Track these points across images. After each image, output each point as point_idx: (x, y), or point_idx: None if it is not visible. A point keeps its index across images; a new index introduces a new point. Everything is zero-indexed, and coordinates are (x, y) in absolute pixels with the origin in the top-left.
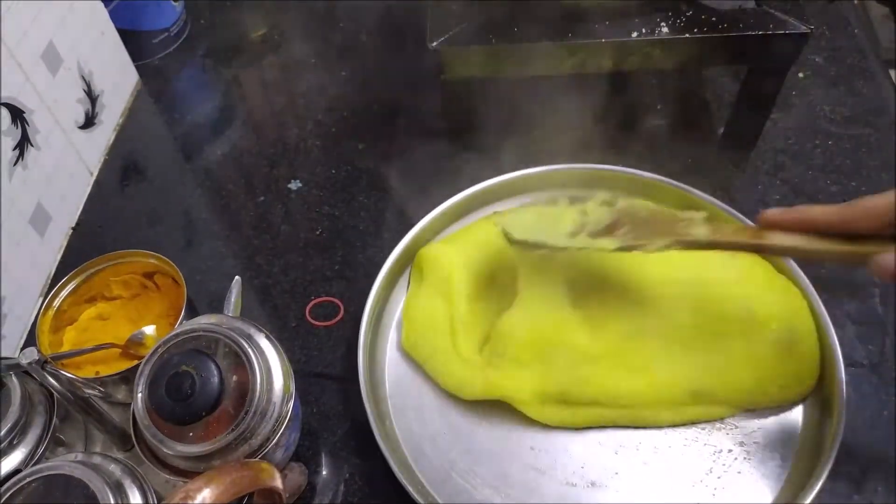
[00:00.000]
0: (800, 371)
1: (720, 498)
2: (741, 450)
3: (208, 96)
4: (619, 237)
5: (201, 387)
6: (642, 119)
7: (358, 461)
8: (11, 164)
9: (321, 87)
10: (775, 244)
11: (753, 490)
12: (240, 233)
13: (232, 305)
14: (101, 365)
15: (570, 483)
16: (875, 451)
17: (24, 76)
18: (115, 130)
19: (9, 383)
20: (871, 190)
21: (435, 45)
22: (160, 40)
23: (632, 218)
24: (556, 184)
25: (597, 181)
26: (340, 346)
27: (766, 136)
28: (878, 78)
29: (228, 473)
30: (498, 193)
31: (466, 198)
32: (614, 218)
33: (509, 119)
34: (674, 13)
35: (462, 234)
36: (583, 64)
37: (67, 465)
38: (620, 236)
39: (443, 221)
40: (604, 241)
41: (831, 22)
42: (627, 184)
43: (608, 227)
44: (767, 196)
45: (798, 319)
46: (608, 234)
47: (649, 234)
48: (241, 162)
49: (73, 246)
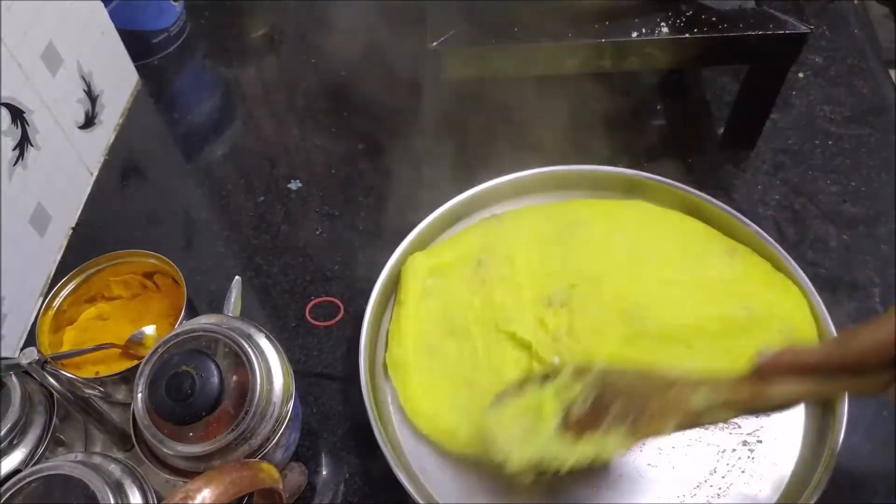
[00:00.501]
0: None
1: (725, 498)
2: (745, 449)
3: (208, 96)
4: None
5: (201, 387)
6: (642, 119)
7: (358, 461)
8: (11, 164)
9: (321, 87)
10: (776, 393)
11: (758, 489)
12: (240, 233)
13: (232, 305)
14: (101, 365)
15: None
16: (875, 452)
17: (24, 76)
18: (115, 130)
19: (9, 383)
20: (872, 190)
21: (435, 45)
22: (160, 40)
23: (615, 389)
24: (558, 185)
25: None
26: (340, 346)
27: (766, 136)
28: (878, 78)
29: (228, 473)
30: (500, 194)
31: (468, 198)
32: (597, 392)
33: (509, 119)
34: (674, 13)
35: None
36: (583, 64)
37: (67, 465)
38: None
39: (444, 222)
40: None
41: (831, 22)
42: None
43: (595, 406)
44: (767, 196)
45: (798, 317)
46: (599, 418)
47: (650, 412)
48: (241, 162)
49: (73, 246)
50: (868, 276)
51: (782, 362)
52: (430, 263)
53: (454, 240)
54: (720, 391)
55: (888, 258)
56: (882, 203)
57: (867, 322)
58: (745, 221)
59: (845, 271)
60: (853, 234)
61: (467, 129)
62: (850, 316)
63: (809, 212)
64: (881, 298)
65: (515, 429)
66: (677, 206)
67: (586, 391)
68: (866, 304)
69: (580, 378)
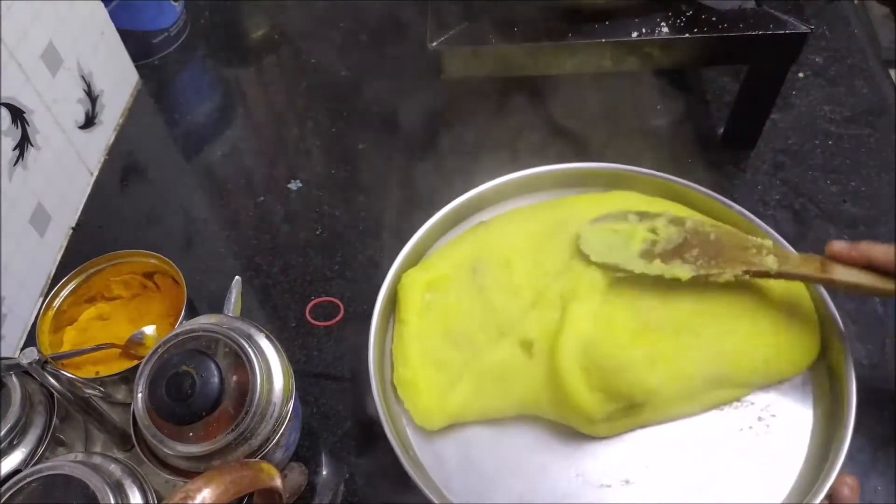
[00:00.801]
0: (804, 338)
1: (752, 474)
2: (761, 425)
3: (208, 96)
4: (689, 261)
5: (201, 387)
6: (642, 119)
7: (358, 461)
8: (11, 164)
9: (321, 87)
10: (841, 280)
11: (780, 463)
12: (240, 233)
13: (232, 305)
14: (101, 365)
15: (605, 485)
16: (875, 451)
17: (24, 76)
18: (115, 130)
19: (9, 383)
20: (872, 190)
21: (435, 45)
22: (160, 40)
23: (700, 239)
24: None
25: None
26: (340, 345)
27: (766, 136)
28: (878, 78)
29: (228, 473)
30: (502, 193)
31: (470, 199)
32: (683, 238)
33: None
34: (674, 13)
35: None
36: (583, 64)
37: (67, 465)
38: (691, 259)
39: (446, 222)
40: (678, 268)
41: (831, 22)
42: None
43: (678, 247)
44: (767, 196)
45: (794, 293)
46: (678, 256)
47: (719, 260)
48: (241, 162)
49: (73, 246)
50: None
51: (853, 254)
52: (426, 278)
53: (446, 251)
54: (790, 261)
55: None
56: (882, 203)
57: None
58: (728, 203)
59: None
60: (853, 234)
61: (467, 129)
62: (850, 316)
63: (809, 212)
64: (881, 298)
65: (605, 242)
66: (663, 196)
67: (676, 235)
68: (866, 304)
69: (672, 224)
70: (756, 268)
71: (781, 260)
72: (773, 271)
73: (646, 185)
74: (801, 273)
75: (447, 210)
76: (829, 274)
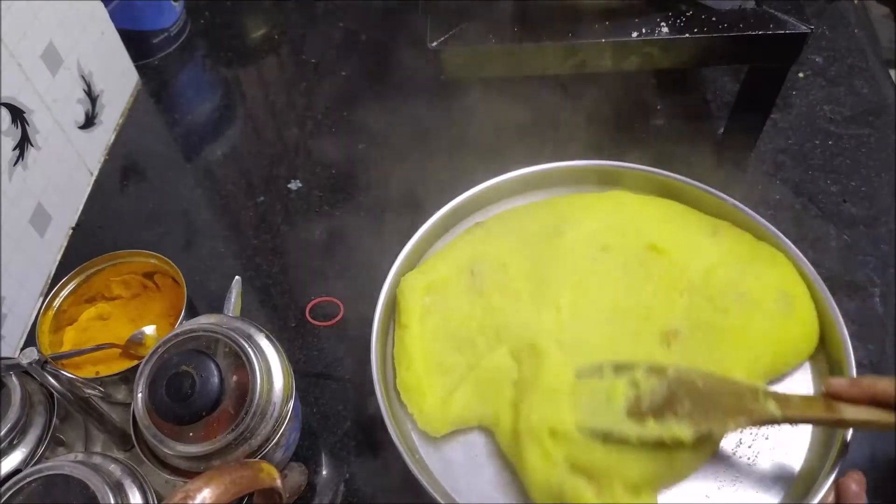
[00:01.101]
0: (804, 331)
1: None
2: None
3: (208, 96)
4: (683, 416)
5: (201, 387)
6: (642, 119)
7: (358, 461)
8: (11, 164)
9: (321, 87)
10: (852, 419)
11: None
12: (240, 233)
13: (232, 305)
14: (101, 365)
15: None
16: (875, 452)
17: (24, 76)
18: (115, 130)
19: (9, 383)
20: (872, 190)
21: (435, 45)
22: (160, 40)
23: (688, 389)
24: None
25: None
26: (340, 346)
27: (766, 136)
28: (878, 78)
29: (228, 473)
30: (502, 192)
31: (470, 197)
32: (669, 391)
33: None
34: (674, 13)
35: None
36: (583, 64)
37: (67, 465)
38: (684, 414)
39: (445, 222)
40: (676, 427)
41: (831, 22)
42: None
43: (666, 401)
44: (767, 196)
45: (789, 281)
46: (669, 410)
47: (717, 413)
48: (241, 162)
49: (73, 246)
50: (868, 276)
51: (854, 391)
52: (425, 281)
53: (443, 253)
54: (790, 406)
55: (888, 258)
56: (882, 203)
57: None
58: (721, 196)
59: (845, 271)
60: (853, 234)
61: (467, 129)
62: (850, 316)
63: (809, 212)
64: (881, 298)
65: (587, 404)
66: (656, 192)
67: (659, 387)
68: (866, 304)
69: (653, 375)
70: (759, 416)
71: (783, 404)
72: (780, 418)
73: (637, 181)
74: (808, 416)
75: (446, 210)
76: (838, 414)
